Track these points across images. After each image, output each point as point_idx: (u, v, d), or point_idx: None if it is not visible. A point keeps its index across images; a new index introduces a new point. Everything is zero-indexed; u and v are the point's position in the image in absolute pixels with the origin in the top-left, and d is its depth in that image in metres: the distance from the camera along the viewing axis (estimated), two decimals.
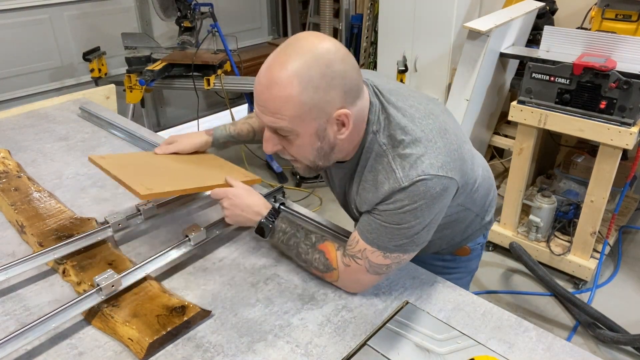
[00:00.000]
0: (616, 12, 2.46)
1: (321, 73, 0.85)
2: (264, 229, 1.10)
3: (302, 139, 0.91)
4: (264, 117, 0.90)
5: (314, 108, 0.86)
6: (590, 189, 2.27)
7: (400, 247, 0.97)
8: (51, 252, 1.12)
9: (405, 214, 0.92)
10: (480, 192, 1.15)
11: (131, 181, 1.06)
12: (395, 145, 0.94)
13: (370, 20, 3.84)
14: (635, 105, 2.04)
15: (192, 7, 3.13)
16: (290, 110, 0.86)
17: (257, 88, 0.89)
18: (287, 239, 1.09)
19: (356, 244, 1.00)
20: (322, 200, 3.26)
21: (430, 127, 0.95)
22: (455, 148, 0.96)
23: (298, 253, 1.08)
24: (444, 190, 0.93)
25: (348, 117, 0.90)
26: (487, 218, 1.26)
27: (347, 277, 1.04)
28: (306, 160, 0.97)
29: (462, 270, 1.33)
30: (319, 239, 1.07)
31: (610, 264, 2.62)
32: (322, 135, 0.91)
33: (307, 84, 0.84)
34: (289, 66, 0.84)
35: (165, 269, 1.14)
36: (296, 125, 0.88)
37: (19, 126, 1.95)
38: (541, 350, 0.94)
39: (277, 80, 0.85)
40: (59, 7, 3.28)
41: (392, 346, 0.94)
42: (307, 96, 0.85)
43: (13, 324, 1.01)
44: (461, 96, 2.60)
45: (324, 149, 0.94)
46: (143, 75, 2.94)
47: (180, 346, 0.96)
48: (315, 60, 0.85)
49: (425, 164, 0.91)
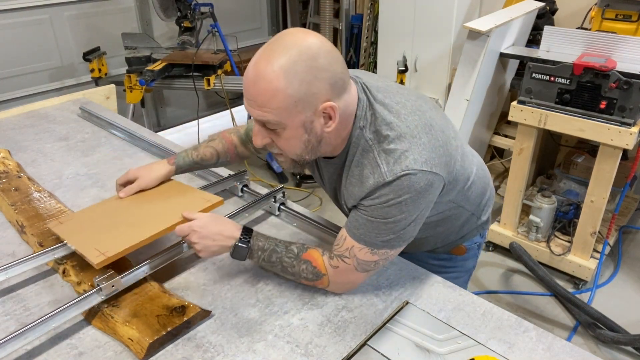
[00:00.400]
0: (616, 12, 2.46)
1: (307, 66, 0.86)
2: (240, 251, 1.06)
3: (290, 132, 0.92)
4: (252, 111, 0.91)
5: (300, 101, 0.88)
6: (590, 189, 2.27)
7: (387, 242, 0.98)
8: (51, 252, 1.12)
9: (390, 208, 0.93)
10: (475, 190, 1.15)
11: (85, 248, 1.04)
12: (381, 140, 0.95)
13: (370, 20, 3.84)
14: (635, 105, 2.04)
15: (192, 7, 3.13)
16: (277, 103, 0.87)
17: (245, 82, 0.90)
18: (268, 256, 1.05)
19: (343, 241, 1.00)
20: (322, 200, 3.26)
21: (415, 123, 0.96)
22: (440, 144, 0.97)
23: (283, 268, 1.06)
24: (429, 185, 0.94)
25: (334, 109, 0.91)
26: (484, 217, 1.26)
27: (337, 280, 1.04)
28: (293, 154, 0.97)
29: (459, 270, 1.33)
30: (300, 249, 1.05)
31: (611, 264, 2.62)
32: (310, 127, 0.92)
33: (292, 78, 0.86)
34: (274, 61, 0.86)
35: (166, 270, 1.14)
36: (283, 118, 0.89)
37: (19, 126, 1.95)
38: (541, 351, 0.94)
39: (263, 75, 0.86)
40: (59, 7, 3.28)
41: (392, 346, 0.94)
42: (293, 89, 0.86)
43: (13, 324, 1.01)
44: (461, 96, 2.60)
45: (312, 142, 0.94)
46: (143, 75, 2.94)
47: (181, 346, 0.96)
48: (300, 54, 0.86)
49: (410, 159, 0.92)
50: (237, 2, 4.25)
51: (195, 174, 1.59)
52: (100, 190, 1.51)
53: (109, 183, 1.54)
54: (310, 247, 1.05)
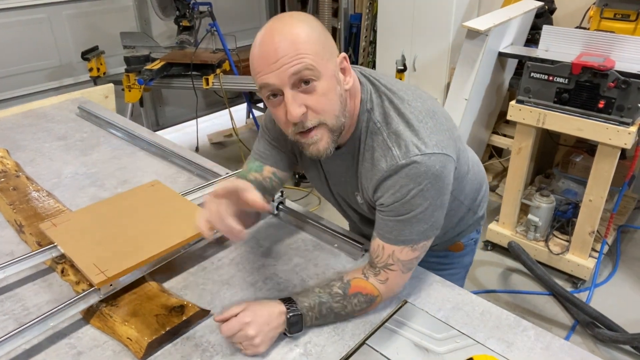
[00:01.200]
0: (615, 12, 2.47)
1: (316, 22, 0.91)
2: (295, 322, 0.95)
3: (325, 82, 0.88)
4: (284, 71, 0.85)
5: (326, 47, 0.89)
6: (588, 189, 2.27)
7: (423, 233, 0.96)
8: (49, 251, 1.12)
9: (414, 199, 0.92)
10: (471, 183, 1.15)
11: (84, 263, 1.03)
12: (389, 122, 0.95)
13: (369, 20, 3.84)
14: (633, 105, 2.04)
15: (190, 7, 3.12)
16: (310, 46, 0.86)
17: (266, 49, 0.86)
18: (318, 311, 0.96)
19: (382, 251, 0.98)
20: (320, 200, 3.26)
21: (419, 108, 0.97)
22: (446, 128, 0.98)
23: (336, 315, 0.98)
24: (443, 167, 0.93)
25: (347, 60, 0.93)
26: (480, 213, 1.27)
27: (389, 291, 1.02)
28: (332, 115, 0.90)
29: (456, 266, 1.34)
30: (344, 286, 0.99)
31: (609, 263, 2.63)
32: (338, 79, 0.91)
33: (312, 28, 0.88)
34: (289, 24, 0.88)
35: (164, 269, 1.14)
36: (318, 64, 0.87)
37: (17, 125, 1.95)
38: (540, 350, 0.94)
39: (286, 33, 0.86)
40: (58, 6, 3.28)
41: (390, 345, 0.94)
42: (317, 36, 0.88)
43: (11, 323, 1.01)
44: (460, 95, 2.60)
45: (343, 97, 0.92)
46: (142, 74, 2.93)
47: (179, 345, 0.96)
48: (304, 15, 0.91)
49: (421, 142, 0.92)
50: (236, 1, 4.25)
51: (195, 174, 1.59)
52: (98, 189, 1.51)
53: (107, 182, 1.54)
54: (351, 279, 1.00)
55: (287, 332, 0.95)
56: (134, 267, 1.04)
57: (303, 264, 1.18)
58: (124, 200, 1.28)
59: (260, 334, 0.91)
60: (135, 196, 1.30)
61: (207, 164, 1.61)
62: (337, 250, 1.22)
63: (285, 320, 0.94)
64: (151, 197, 1.29)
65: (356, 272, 1.02)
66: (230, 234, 0.89)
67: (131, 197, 1.30)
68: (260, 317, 0.92)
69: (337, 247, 1.23)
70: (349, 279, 1.00)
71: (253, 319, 0.91)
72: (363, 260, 1.17)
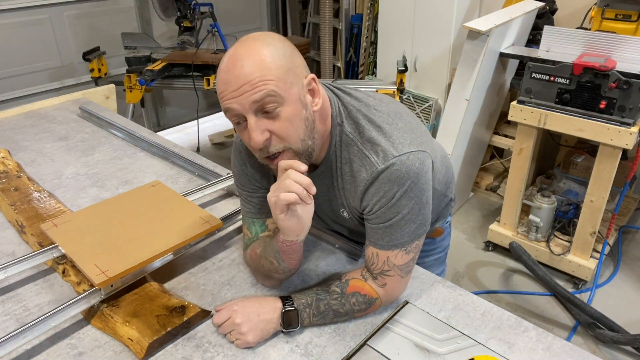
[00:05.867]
0: (616, 12, 2.46)
1: (282, 44, 0.88)
2: (291, 318, 0.96)
3: (289, 108, 0.87)
4: (246, 98, 0.84)
5: (290, 71, 0.87)
6: (590, 189, 2.27)
7: (414, 233, 0.96)
8: (50, 251, 1.12)
9: (399, 201, 0.92)
10: (440, 169, 1.15)
11: (85, 263, 1.03)
12: (361, 131, 0.95)
13: (370, 20, 3.84)
14: (635, 105, 2.04)
15: (191, 7, 3.13)
16: (273, 72, 0.85)
17: (227, 74, 0.86)
18: (316, 308, 0.97)
19: (377, 258, 0.98)
20: None
21: (386, 111, 0.97)
22: (415, 125, 0.99)
23: (335, 312, 0.99)
24: (422, 163, 0.93)
25: (315, 81, 0.91)
26: (450, 195, 1.27)
27: (389, 295, 1.02)
28: (297, 140, 0.89)
29: (439, 250, 1.37)
30: (341, 285, 1.00)
31: (610, 264, 2.62)
32: (304, 102, 0.89)
33: (275, 53, 0.86)
34: (251, 47, 0.86)
35: (165, 269, 1.14)
36: (281, 89, 0.85)
37: (18, 126, 1.95)
38: (541, 350, 0.94)
39: (248, 56, 0.84)
40: (59, 7, 3.28)
41: (391, 346, 0.94)
42: (280, 62, 0.86)
43: (13, 323, 1.01)
44: (461, 96, 2.60)
45: (309, 121, 0.90)
46: (143, 75, 2.94)
47: (180, 346, 0.96)
48: (270, 37, 0.88)
49: (395, 144, 0.92)
50: (237, 2, 4.25)
51: (195, 174, 1.59)
52: (100, 190, 1.51)
53: (108, 183, 1.55)
54: (350, 278, 1.01)
55: (282, 327, 0.97)
56: (135, 268, 1.04)
57: (304, 264, 1.17)
58: (125, 201, 1.28)
59: (247, 323, 0.94)
60: (136, 197, 1.30)
61: (208, 164, 1.61)
62: (338, 251, 1.22)
63: (280, 316, 0.96)
64: (152, 197, 1.29)
65: (355, 273, 1.03)
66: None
67: (132, 197, 1.30)
68: (249, 307, 0.97)
69: (338, 247, 1.23)
70: (347, 279, 1.01)
71: (241, 308, 0.97)
72: (363, 261, 1.17)
